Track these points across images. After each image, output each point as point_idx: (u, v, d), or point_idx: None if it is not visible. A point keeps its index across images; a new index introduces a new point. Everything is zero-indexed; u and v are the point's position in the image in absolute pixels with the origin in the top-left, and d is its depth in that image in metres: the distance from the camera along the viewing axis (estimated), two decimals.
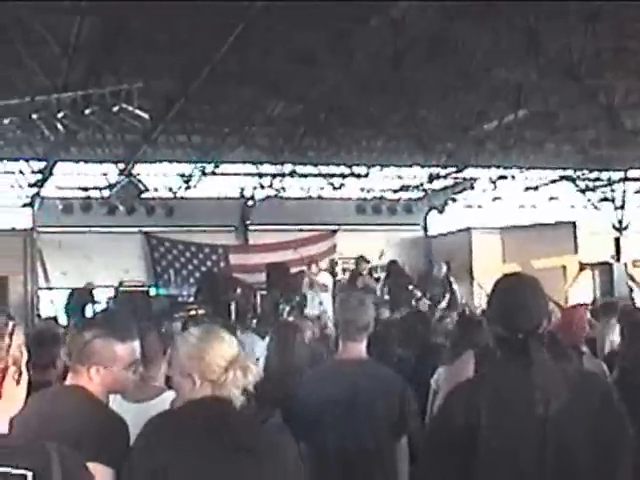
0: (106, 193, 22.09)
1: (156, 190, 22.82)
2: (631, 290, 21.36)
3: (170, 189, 23.34)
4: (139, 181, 20.38)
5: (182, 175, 22.51)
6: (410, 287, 18.31)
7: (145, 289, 23.17)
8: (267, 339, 6.90)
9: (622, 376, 4.89)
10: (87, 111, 12.47)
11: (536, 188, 25.41)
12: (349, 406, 5.01)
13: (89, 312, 19.77)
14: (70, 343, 3.91)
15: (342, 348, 5.28)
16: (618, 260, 24.19)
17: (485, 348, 4.54)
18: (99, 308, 19.92)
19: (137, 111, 12.89)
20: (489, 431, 3.13)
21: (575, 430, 3.14)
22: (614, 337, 6.68)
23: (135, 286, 22.91)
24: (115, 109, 12.58)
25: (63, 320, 18.76)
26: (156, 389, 4.68)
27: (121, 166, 20.89)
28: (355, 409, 5.01)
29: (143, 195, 21.41)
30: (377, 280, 19.47)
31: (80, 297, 21.05)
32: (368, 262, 19.72)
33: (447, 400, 3.44)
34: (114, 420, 3.79)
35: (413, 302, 17.22)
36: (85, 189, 22.85)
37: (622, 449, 3.19)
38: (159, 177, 23.15)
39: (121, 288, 22.38)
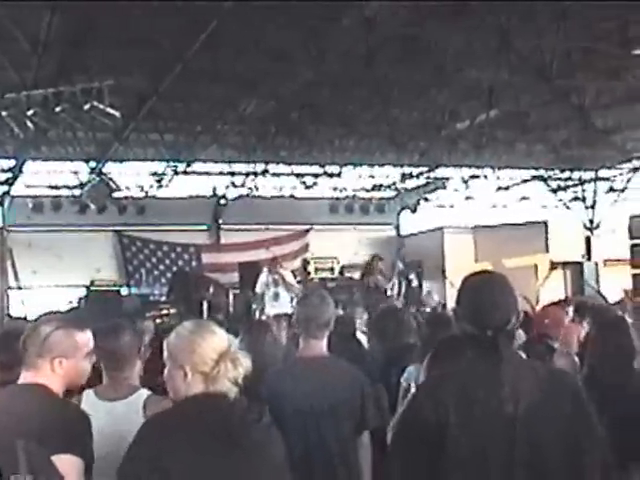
0: (77, 192, 21.95)
1: (128, 189, 22.71)
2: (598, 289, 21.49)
3: (142, 188, 23.23)
4: (110, 180, 20.25)
5: (154, 174, 22.43)
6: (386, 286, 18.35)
7: (116, 288, 23.05)
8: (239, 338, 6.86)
9: (590, 374, 4.90)
10: (58, 109, 12.36)
11: (508, 188, 25.52)
12: (311, 403, 5.01)
13: None
14: (27, 339, 3.88)
15: (303, 345, 5.28)
16: (589, 259, 24.33)
17: (448, 340, 4.53)
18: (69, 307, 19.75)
19: (108, 109, 12.80)
20: (457, 428, 3.12)
21: (544, 428, 3.14)
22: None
23: (106, 285, 22.79)
24: (86, 107, 12.48)
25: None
26: (130, 388, 4.64)
27: (92, 164, 20.79)
28: (317, 406, 5.01)
29: (115, 194, 21.28)
30: (389, 279, 19.38)
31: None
32: (381, 259, 19.65)
33: (416, 396, 3.44)
34: (77, 413, 3.82)
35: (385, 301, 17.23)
36: (56, 188, 22.69)
37: (591, 448, 3.19)
38: (131, 176, 23.04)
39: (92, 287, 22.26)
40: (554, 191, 25.74)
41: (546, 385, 3.22)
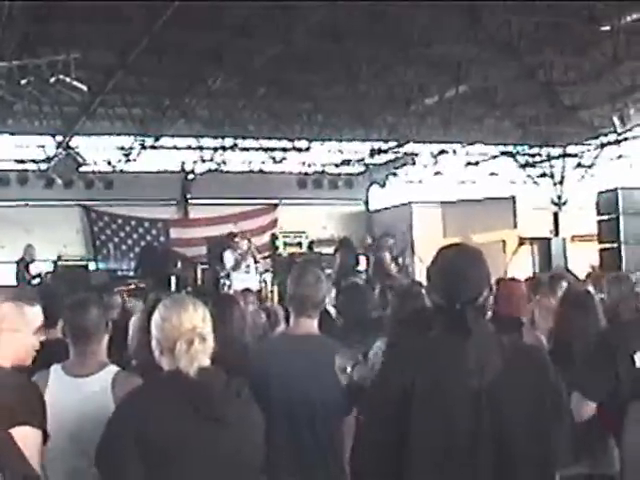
0: (44, 166, 21.80)
1: (95, 163, 22.56)
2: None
3: (109, 162, 23.09)
4: (77, 154, 20.10)
5: (122, 148, 22.28)
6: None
7: (84, 263, 22.93)
8: None
9: (557, 348, 4.93)
10: (23, 82, 12.23)
11: (476, 163, 25.57)
12: (300, 381, 4.98)
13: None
14: None
15: (294, 323, 5.20)
16: (557, 235, 24.46)
17: (416, 312, 4.54)
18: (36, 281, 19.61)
19: (75, 82, 12.68)
20: (423, 400, 3.12)
21: (510, 400, 3.15)
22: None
23: (74, 260, 22.67)
24: (52, 80, 12.35)
25: None
26: (98, 363, 4.57)
27: (59, 139, 20.62)
28: (306, 384, 4.98)
29: (82, 168, 21.14)
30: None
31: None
32: (393, 236, 19.52)
33: (383, 368, 3.43)
34: (29, 384, 3.82)
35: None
36: (22, 162, 22.51)
37: (557, 420, 3.21)
38: (98, 150, 22.85)
39: (59, 262, 22.12)
40: (522, 167, 25.83)
41: (513, 358, 3.22)
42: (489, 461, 3.10)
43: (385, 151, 23.56)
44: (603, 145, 22.76)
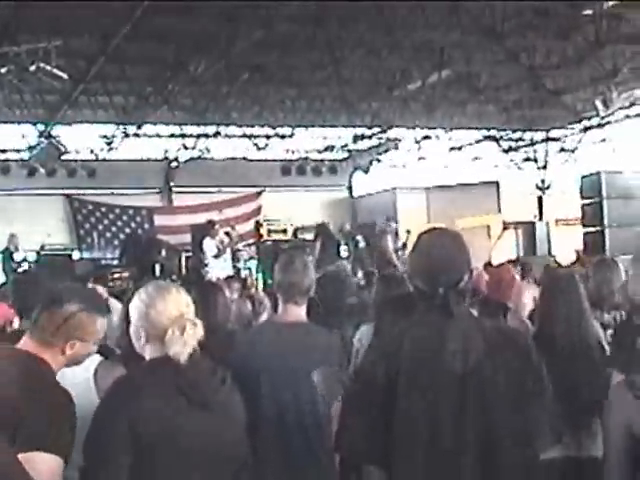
0: (26, 155, 21.69)
1: (77, 152, 22.46)
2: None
3: (92, 151, 23.00)
4: (59, 142, 20.01)
5: (104, 136, 22.19)
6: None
7: (68, 252, 22.82)
8: None
9: (540, 333, 4.93)
10: (3, 70, 12.14)
11: (460, 148, 25.60)
12: (288, 368, 4.96)
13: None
14: (46, 312, 3.63)
15: (282, 311, 5.17)
16: (541, 219, 24.52)
17: (399, 297, 4.52)
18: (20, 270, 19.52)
19: (55, 70, 12.61)
20: (407, 384, 3.12)
21: (493, 384, 3.15)
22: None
23: (57, 250, 22.56)
24: (32, 68, 12.28)
25: None
26: None
27: (41, 127, 20.52)
28: (294, 371, 4.97)
29: (64, 157, 21.03)
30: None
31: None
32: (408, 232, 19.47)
33: (368, 352, 3.43)
34: (63, 398, 3.52)
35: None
36: (3, 151, 22.39)
37: (539, 403, 3.21)
38: (81, 139, 22.76)
39: (43, 252, 22.02)
40: (506, 151, 25.86)
41: (495, 342, 3.22)
42: (473, 444, 3.10)
43: (369, 137, 23.56)
44: (586, 129, 22.79)
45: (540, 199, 25.80)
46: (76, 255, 23.38)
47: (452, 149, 25.48)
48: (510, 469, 3.13)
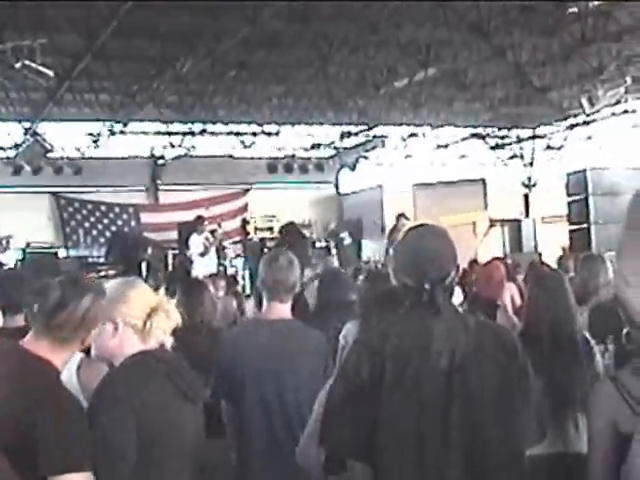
0: (11, 153, 21.62)
1: (63, 150, 22.41)
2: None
3: (78, 148, 22.93)
4: (45, 140, 19.95)
5: (90, 134, 22.12)
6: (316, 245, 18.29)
7: (54, 250, 22.75)
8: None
9: (526, 330, 4.94)
10: None
11: (446, 146, 25.64)
12: (274, 366, 4.96)
13: None
14: (66, 318, 3.62)
15: (267, 308, 5.16)
16: (527, 216, 24.58)
17: (384, 293, 4.51)
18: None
19: (41, 68, 12.56)
20: (393, 381, 3.11)
21: (479, 381, 3.14)
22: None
23: (43, 248, 22.49)
24: (17, 66, 12.22)
25: None
26: None
27: (26, 125, 20.46)
28: (279, 369, 4.96)
29: (50, 155, 20.97)
30: None
31: None
32: (408, 219, 19.46)
33: (353, 348, 3.42)
34: (75, 403, 3.38)
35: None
36: None
37: (525, 400, 3.21)
38: (66, 136, 22.69)
39: (29, 250, 21.94)
40: (492, 149, 25.91)
41: (482, 338, 3.22)
42: (459, 441, 3.10)
43: (355, 134, 23.56)
44: (572, 126, 22.84)
45: (526, 196, 25.87)
46: (62, 253, 23.31)
47: (438, 146, 25.52)
48: (496, 466, 3.13)
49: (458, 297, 7.53)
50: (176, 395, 3.55)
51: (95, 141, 22.23)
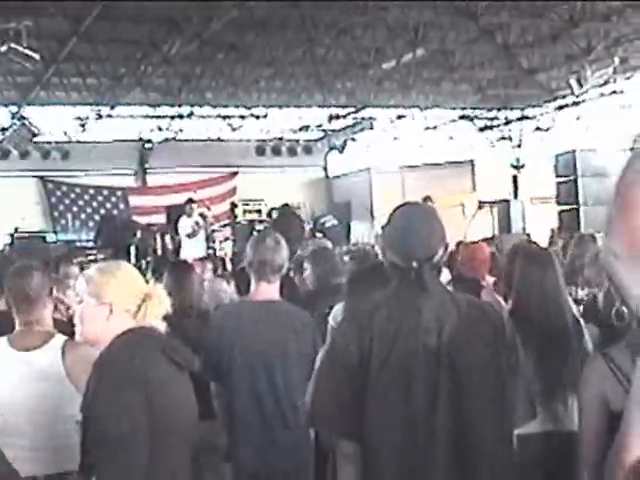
0: None
1: (51, 134, 22.32)
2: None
3: (65, 132, 22.84)
4: (32, 124, 19.86)
5: (77, 118, 22.02)
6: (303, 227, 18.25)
7: (42, 235, 22.65)
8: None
9: (514, 308, 4.94)
10: None
11: (435, 128, 25.60)
12: (262, 346, 4.95)
13: None
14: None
15: (255, 289, 5.14)
16: (515, 197, 24.57)
17: (367, 270, 4.50)
18: None
19: (27, 51, 12.48)
20: (380, 357, 3.11)
21: (467, 358, 3.14)
22: None
23: (31, 232, 22.39)
24: (3, 49, 12.15)
25: None
26: (44, 334, 4.41)
27: (13, 109, 20.35)
28: (268, 350, 4.96)
29: (37, 138, 20.87)
30: None
31: None
32: (433, 202, 19.42)
33: (340, 326, 3.41)
34: None
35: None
36: None
37: (512, 377, 3.22)
38: (53, 120, 22.59)
39: (17, 235, 21.84)
40: (481, 130, 25.87)
41: (469, 316, 3.22)
42: (447, 420, 3.10)
43: (343, 116, 23.51)
44: (561, 107, 22.83)
45: (515, 178, 25.83)
46: (50, 238, 23.21)
47: (427, 128, 25.47)
48: (484, 444, 3.13)
49: (446, 277, 7.51)
50: (171, 367, 3.53)
51: (82, 125, 22.13)
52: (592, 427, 3.07)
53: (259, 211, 24.08)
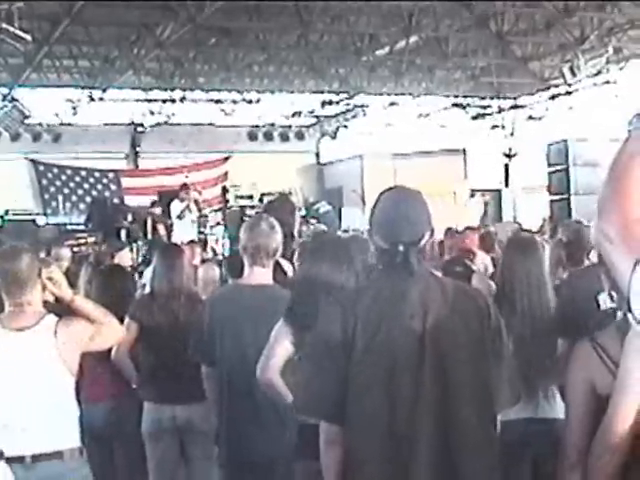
0: None
1: (42, 116, 22.26)
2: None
3: (57, 115, 22.78)
4: (23, 106, 19.80)
5: (69, 100, 21.95)
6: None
7: (32, 218, 22.58)
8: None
9: (501, 294, 4.96)
10: None
11: (427, 115, 25.58)
12: (255, 331, 4.94)
13: None
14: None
15: (248, 273, 5.13)
16: (507, 186, 24.61)
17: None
18: None
19: (18, 32, 12.43)
20: (365, 341, 3.12)
21: (452, 343, 3.15)
22: None
23: (22, 215, 22.32)
24: None
25: None
26: (36, 314, 4.44)
27: (4, 91, 20.28)
28: (260, 333, 4.96)
29: (28, 121, 20.80)
30: None
31: None
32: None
33: (325, 310, 3.41)
34: None
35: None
36: None
37: (497, 362, 3.23)
38: (45, 102, 22.51)
39: (7, 217, 21.78)
40: (473, 118, 25.86)
41: (455, 301, 3.22)
42: (432, 404, 3.11)
43: (336, 103, 23.49)
44: (553, 96, 22.83)
45: (507, 166, 25.85)
46: (41, 220, 23.14)
47: (420, 116, 25.46)
48: (469, 427, 3.15)
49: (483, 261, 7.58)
50: None
51: (74, 107, 22.06)
52: (579, 411, 3.08)
53: (251, 196, 24.02)
